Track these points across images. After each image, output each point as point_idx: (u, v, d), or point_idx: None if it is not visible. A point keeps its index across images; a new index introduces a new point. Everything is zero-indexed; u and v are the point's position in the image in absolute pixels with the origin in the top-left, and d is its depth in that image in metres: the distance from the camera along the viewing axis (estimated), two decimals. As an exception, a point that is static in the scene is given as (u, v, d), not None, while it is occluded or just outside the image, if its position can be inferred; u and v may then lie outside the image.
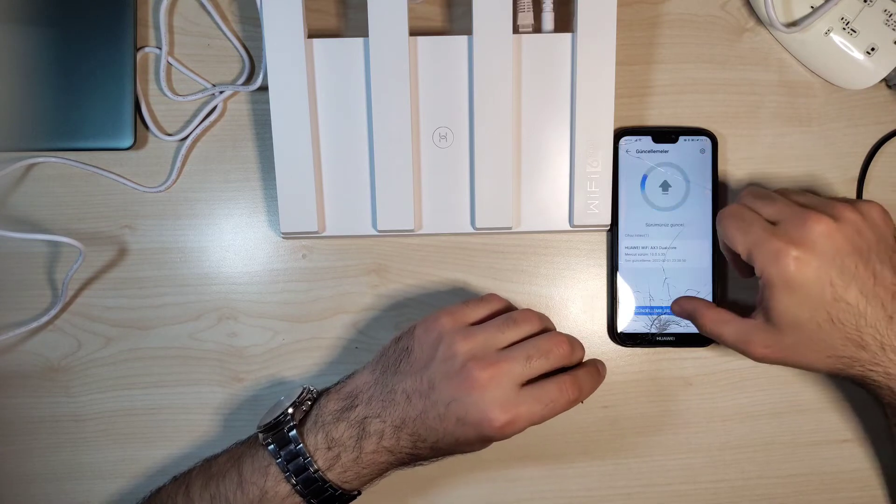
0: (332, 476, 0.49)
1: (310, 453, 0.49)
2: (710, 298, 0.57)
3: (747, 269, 0.51)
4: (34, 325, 0.58)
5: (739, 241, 0.49)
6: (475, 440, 0.49)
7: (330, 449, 0.49)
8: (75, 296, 0.59)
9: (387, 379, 0.50)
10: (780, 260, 0.47)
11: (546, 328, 0.52)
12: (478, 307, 0.52)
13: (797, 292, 0.47)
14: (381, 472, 0.51)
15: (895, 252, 0.49)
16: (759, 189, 0.52)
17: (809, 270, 0.46)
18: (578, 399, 0.49)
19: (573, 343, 0.51)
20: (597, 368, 0.52)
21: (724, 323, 0.51)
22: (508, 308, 0.53)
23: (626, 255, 0.58)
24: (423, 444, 0.49)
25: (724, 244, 0.51)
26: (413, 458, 0.51)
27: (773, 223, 0.48)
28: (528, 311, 0.52)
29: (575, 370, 0.50)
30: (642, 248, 0.58)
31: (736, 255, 0.50)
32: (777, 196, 0.50)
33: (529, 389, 0.48)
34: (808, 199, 0.50)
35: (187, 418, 0.59)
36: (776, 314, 0.48)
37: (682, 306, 0.53)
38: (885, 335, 0.47)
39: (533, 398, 0.48)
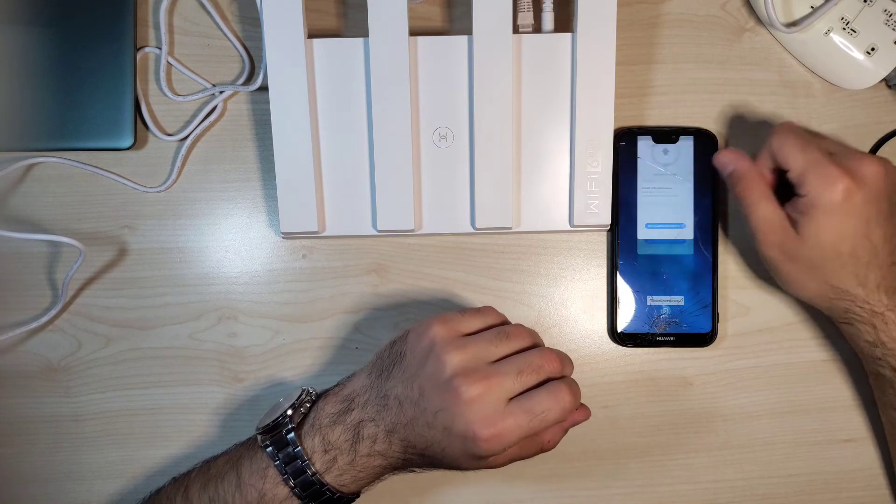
0: (329, 479, 0.49)
1: (307, 456, 0.49)
2: (709, 298, 0.57)
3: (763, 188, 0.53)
4: (34, 325, 0.58)
5: (798, 158, 0.51)
6: (461, 454, 0.48)
7: (326, 452, 0.49)
8: (75, 296, 0.59)
9: (381, 384, 0.50)
10: (833, 186, 0.49)
11: (536, 344, 0.51)
12: (473, 318, 0.51)
13: (836, 219, 0.50)
14: (377, 476, 0.51)
15: None
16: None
17: (855, 203, 0.49)
18: (575, 405, 0.49)
19: (563, 359, 0.50)
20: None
21: (763, 201, 0.52)
22: (503, 322, 0.52)
23: (625, 255, 0.58)
24: (413, 451, 0.49)
25: (771, 157, 0.52)
26: (405, 464, 0.50)
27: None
28: (520, 326, 0.51)
29: (566, 378, 0.50)
30: (642, 247, 0.58)
31: (767, 171, 0.53)
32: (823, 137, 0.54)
33: (518, 401, 0.47)
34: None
35: (187, 418, 0.59)
36: (808, 231, 0.50)
37: (734, 163, 0.53)
38: (886, 277, 0.51)
39: (521, 410, 0.47)
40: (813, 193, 0.50)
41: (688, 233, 0.58)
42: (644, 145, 0.58)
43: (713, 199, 0.58)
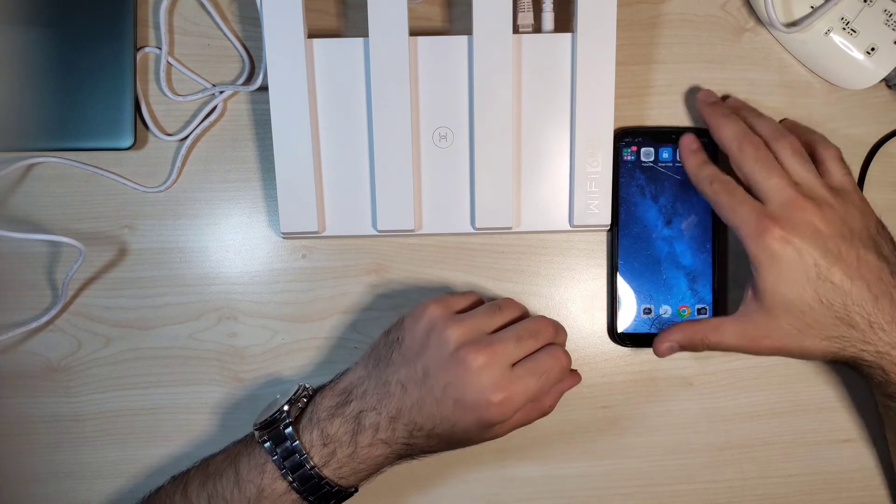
0: (328, 472, 0.50)
1: (305, 450, 0.49)
2: (709, 298, 0.57)
3: None
4: (34, 325, 0.58)
5: (734, 217, 0.51)
6: (472, 425, 0.49)
7: (325, 445, 0.50)
8: (75, 296, 0.59)
9: (379, 372, 0.51)
10: (764, 238, 0.49)
11: (526, 314, 0.54)
12: (461, 298, 0.53)
13: (782, 270, 0.49)
14: (377, 468, 0.51)
15: (877, 238, 0.51)
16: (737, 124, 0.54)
17: (792, 250, 0.49)
18: (570, 365, 0.52)
19: (557, 326, 0.53)
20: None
21: (720, 330, 0.52)
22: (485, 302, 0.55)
23: (626, 255, 0.58)
24: (420, 433, 0.50)
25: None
26: (409, 449, 0.51)
27: (759, 199, 0.51)
28: (510, 299, 0.54)
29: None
30: (642, 248, 0.58)
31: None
32: (759, 147, 0.52)
33: (521, 365, 0.50)
34: (799, 171, 0.51)
35: (187, 418, 0.59)
36: (767, 295, 0.50)
37: (676, 341, 0.53)
38: (871, 313, 0.49)
39: (527, 372, 0.50)
40: (750, 251, 0.50)
41: (688, 233, 0.58)
42: (644, 145, 0.58)
43: (713, 199, 0.58)
